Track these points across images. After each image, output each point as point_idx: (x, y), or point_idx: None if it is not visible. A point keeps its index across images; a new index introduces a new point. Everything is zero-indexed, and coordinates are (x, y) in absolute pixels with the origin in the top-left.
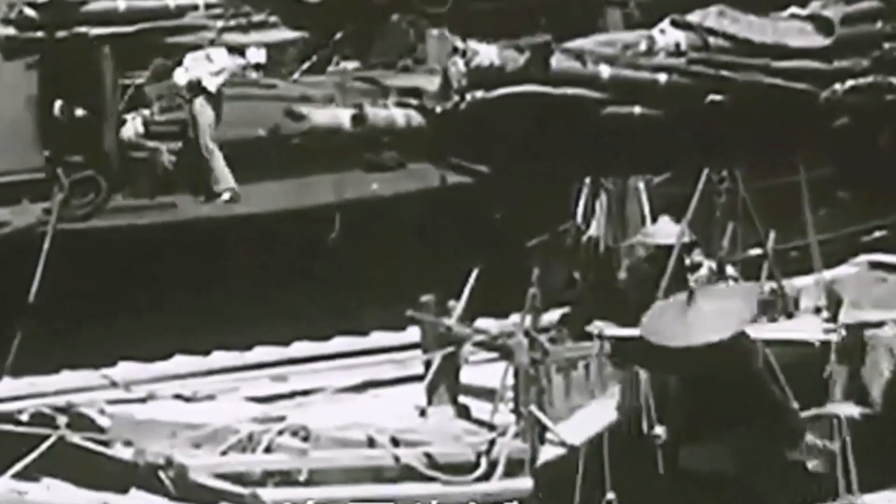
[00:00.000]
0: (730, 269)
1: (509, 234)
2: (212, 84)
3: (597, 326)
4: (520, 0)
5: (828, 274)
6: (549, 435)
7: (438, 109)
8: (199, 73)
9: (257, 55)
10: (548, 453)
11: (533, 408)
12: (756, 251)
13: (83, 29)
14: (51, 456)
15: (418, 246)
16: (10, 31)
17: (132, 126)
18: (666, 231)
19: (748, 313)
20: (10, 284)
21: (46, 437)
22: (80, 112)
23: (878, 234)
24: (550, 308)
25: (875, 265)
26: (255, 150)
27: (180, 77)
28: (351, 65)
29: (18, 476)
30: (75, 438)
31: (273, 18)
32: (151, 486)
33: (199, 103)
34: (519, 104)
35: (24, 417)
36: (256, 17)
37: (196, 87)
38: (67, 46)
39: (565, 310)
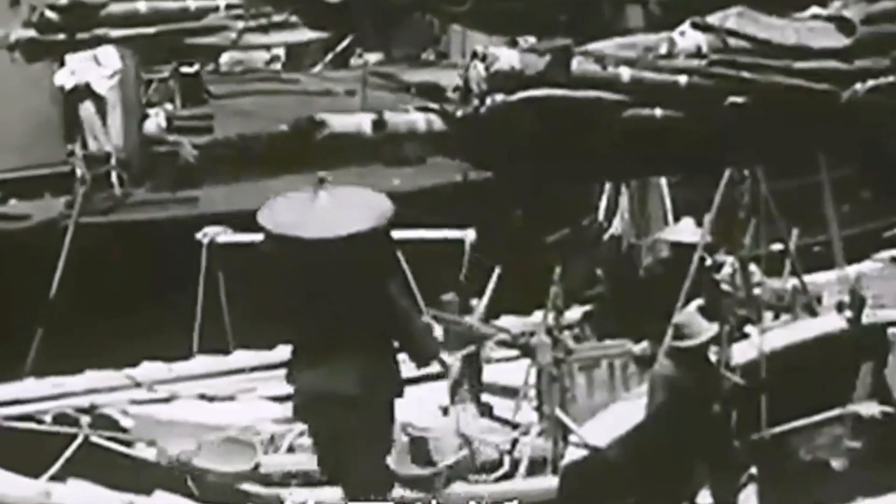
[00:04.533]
0: (752, 267)
1: (531, 230)
2: (103, 87)
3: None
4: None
5: (851, 270)
6: (572, 436)
7: (459, 114)
8: (87, 77)
9: (276, 49)
10: (572, 454)
11: (557, 410)
12: (778, 246)
13: (103, 31)
14: (75, 457)
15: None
16: (32, 33)
17: (155, 120)
18: (688, 230)
19: (376, 216)
20: (31, 278)
21: (70, 437)
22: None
23: None
24: (573, 306)
25: None
26: (276, 145)
27: (65, 80)
28: (373, 57)
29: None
30: (99, 439)
31: (294, 19)
32: (176, 487)
33: (86, 107)
34: (539, 107)
35: (48, 419)
36: (277, 18)
37: (84, 91)
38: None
39: (588, 308)
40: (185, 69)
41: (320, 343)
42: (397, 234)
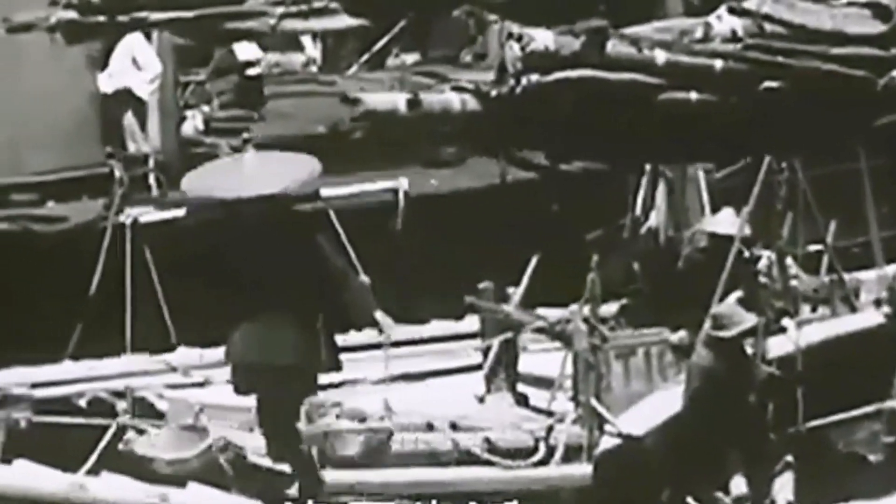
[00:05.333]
0: (789, 261)
1: (568, 229)
2: (145, 92)
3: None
4: None
5: (889, 268)
6: (608, 426)
7: (494, 93)
8: (127, 81)
9: (313, 50)
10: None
11: (592, 400)
12: (816, 247)
13: (143, 14)
14: (110, 448)
15: (477, 239)
16: (72, 14)
17: (192, 122)
18: (727, 221)
19: (302, 175)
20: (70, 279)
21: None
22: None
23: None
24: (610, 300)
25: None
26: (314, 147)
27: (104, 84)
28: (410, 57)
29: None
30: (135, 423)
31: (333, 5)
32: (209, 477)
33: (129, 116)
34: (574, 88)
35: (83, 403)
36: (317, 4)
37: (124, 95)
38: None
39: (625, 301)
40: (249, 72)
41: (256, 314)
42: (327, 191)
